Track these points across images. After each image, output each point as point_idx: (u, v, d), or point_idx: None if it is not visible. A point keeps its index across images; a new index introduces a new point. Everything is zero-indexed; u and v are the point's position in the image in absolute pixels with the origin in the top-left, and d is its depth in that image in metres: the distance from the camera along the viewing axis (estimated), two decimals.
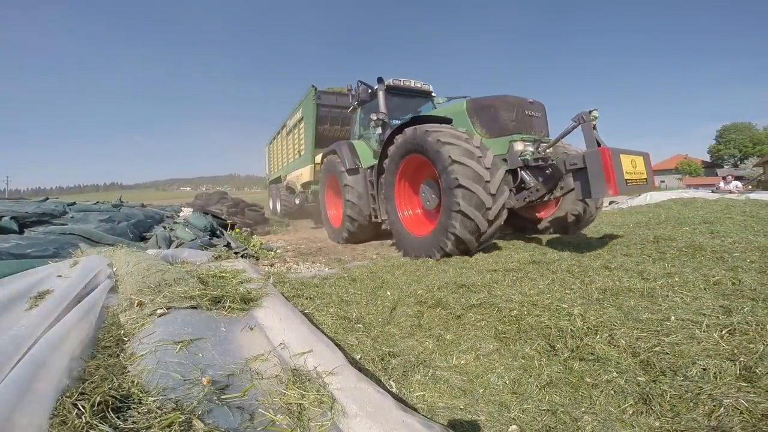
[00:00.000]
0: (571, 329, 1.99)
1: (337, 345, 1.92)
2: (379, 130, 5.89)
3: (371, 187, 5.84)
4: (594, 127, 3.76)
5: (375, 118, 5.78)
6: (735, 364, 1.55)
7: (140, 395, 1.18)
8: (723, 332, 1.81)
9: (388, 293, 3.04)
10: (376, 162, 5.71)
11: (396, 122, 5.82)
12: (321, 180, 7.64)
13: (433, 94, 7.21)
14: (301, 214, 11.72)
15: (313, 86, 8.63)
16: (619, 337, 1.86)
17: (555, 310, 2.24)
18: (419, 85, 6.90)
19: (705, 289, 2.51)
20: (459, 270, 3.53)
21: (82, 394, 1.15)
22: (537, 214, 5.81)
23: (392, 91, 6.49)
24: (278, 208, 12.91)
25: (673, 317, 2.02)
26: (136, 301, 1.99)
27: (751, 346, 1.66)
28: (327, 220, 7.51)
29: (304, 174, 9.61)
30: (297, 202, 10.45)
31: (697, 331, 1.83)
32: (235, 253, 4.55)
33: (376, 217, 5.82)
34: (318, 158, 8.52)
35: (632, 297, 2.39)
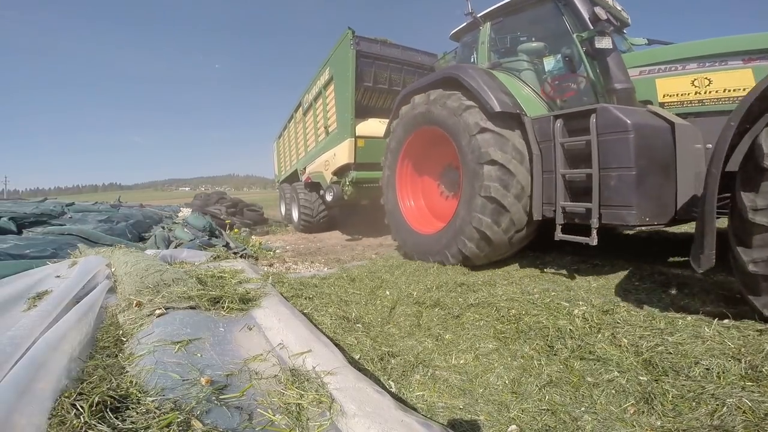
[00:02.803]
0: (570, 329, 1.98)
1: (336, 345, 1.92)
2: (603, 42, 3.06)
3: (563, 160, 3.09)
4: None
5: (604, 17, 3.06)
6: (740, 363, 1.54)
7: (139, 395, 1.18)
8: (730, 330, 1.80)
9: (388, 293, 3.04)
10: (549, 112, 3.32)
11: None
12: (391, 148, 4.65)
13: (624, 31, 4.36)
14: (331, 224, 8.27)
15: (349, 29, 5.99)
16: (622, 336, 1.86)
17: (555, 309, 2.23)
18: (618, 8, 3.96)
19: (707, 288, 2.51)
20: (461, 269, 3.53)
21: (80, 394, 1.14)
22: None
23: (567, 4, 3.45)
24: (294, 215, 8.79)
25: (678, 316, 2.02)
26: (135, 302, 1.98)
27: (759, 344, 1.65)
28: (399, 219, 4.49)
29: (340, 155, 6.46)
30: (329, 198, 7.02)
31: (706, 329, 1.82)
32: (234, 253, 4.55)
33: (557, 219, 3.10)
34: (361, 129, 6.19)
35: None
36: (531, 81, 3.83)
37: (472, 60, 4.47)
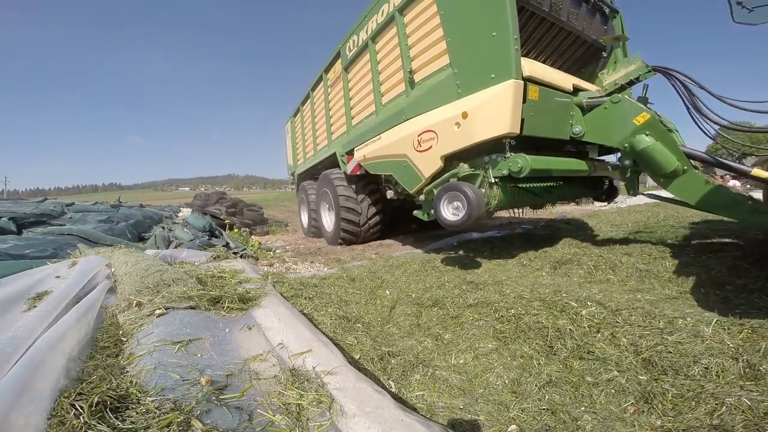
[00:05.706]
0: (570, 329, 1.97)
1: (336, 345, 1.92)
2: None
3: None
4: None
5: None
6: (738, 362, 1.54)
7: (138, 395, 1.18)
8: (729, 329, 1.79)
9: (387, 293, 3.04)
10: None
11: None
12: None
13: None
14: (383, 234, 5.82)
15: None
16: (621, 335, 1.85)
17: (560, 309, 2.20)
18: None
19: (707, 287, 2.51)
20: (461, 269, 3.53)
21: (80, 394, 1.14)
22: None
23: None
24: (326, 223, 6.20)
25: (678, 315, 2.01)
26: (135, 302, 1.98)
27: (756, 343, 1.65)
28: None
29: (481, 115, 2.98)
30: (451, 216, 3.17)
31: (705, 329, 1.81)
32: (234, 253, 4.55)
33: None
34: (532, 69, 2.98)
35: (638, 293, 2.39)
36: None
37: None
